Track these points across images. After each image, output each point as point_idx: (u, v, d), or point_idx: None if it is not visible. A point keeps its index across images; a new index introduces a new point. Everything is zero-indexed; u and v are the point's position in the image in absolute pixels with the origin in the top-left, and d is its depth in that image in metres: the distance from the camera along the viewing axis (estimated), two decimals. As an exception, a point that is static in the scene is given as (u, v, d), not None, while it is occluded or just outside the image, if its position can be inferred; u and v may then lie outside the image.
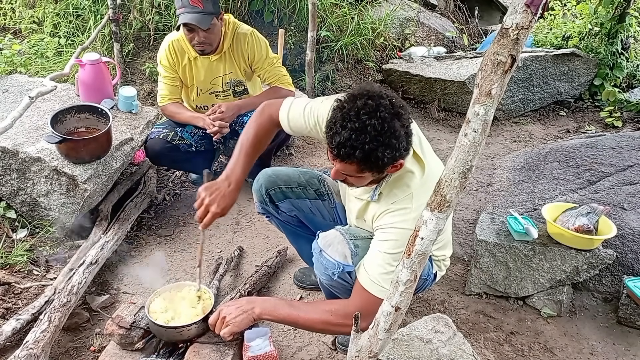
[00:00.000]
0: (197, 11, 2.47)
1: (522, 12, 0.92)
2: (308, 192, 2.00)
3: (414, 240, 1.16)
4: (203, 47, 2.62)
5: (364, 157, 1.43)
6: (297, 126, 1.81)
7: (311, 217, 2.02)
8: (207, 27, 2.52)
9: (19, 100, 2.66)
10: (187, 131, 2.81)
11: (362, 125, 1.40)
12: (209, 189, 1.75)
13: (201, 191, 1.76)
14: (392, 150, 1.43)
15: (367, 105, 1.42)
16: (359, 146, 1.41)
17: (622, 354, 2.15)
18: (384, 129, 1.40)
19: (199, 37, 2.56)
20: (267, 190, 1.99)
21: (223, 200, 1.74)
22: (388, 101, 1.45)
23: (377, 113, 1.41)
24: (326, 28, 4.32)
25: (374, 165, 1.46)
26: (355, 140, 1.41)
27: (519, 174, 3.12)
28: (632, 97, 4.34)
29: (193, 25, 2.50)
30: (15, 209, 2.49)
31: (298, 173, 2.03)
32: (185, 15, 2.48)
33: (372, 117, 1.40)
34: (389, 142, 1.42)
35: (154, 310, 1.88)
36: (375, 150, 1.41)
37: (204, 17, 2.49)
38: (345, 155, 1.45)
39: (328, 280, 1.69)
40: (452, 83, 4.21)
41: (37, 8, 4.14)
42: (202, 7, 2.48)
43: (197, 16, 2.47)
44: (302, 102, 1.81)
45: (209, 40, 2.61)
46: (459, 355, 1.69)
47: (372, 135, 1.40)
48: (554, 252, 2.24)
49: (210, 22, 2.52)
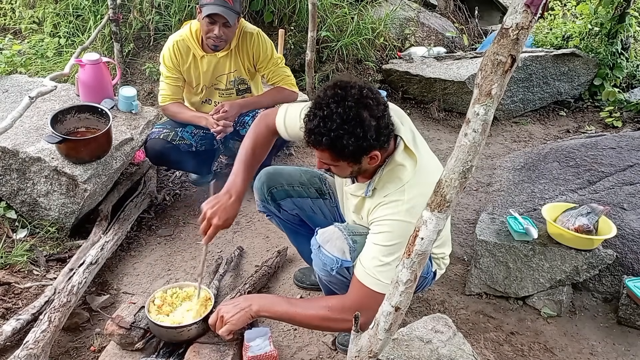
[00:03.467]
0: (227, 6, 2.51)
1: (522, 12, 0.92)
2: (309, 190, 2.02)
3: (414, 240, 1.16)
4: (219, 42, 2.62)
5: (331, 144, 1.48)
6: (295, 131, 1.83)
7: (312, 216, 2.03)
8: (233, 24, 2.56)
9: (19, 100, 2.66)
10: (187, 131, 2.81)
11: (329, 113, 1.46)
12: (210, 203, 1.78)
13: (203, 206, 1.79)
14: (357, 139, 1.46)
15: (336, 94, 1.47)
16: (326, 133, 1.46)
17: (622, 354, 2.15)
18: (349, 117, 1.45)
19: (219, 31, 2.57)
20: (269, 188, 2.00)
21: (225, 213, 1.76)
22: (357, 91, 1.48)
23: (345, 102, 1.45)
24: (326, 28, 4.32)
25: (342, 153, 1.50)
26: (323, 127, 1.46)
27: (519, 174, 3.12)
28: (632, 97, 4.34)
29: (220, 18, 2.51)
30: (15, 209, 2.49)
31: (300, 172, 2.04)
32: (215, 7, 2.50)
33: (339, 105, 1.45)
34: (353, 131, 1.45)
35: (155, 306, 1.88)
36: (341, 138, 1.46)
37: (232, 13, 2.52)
38: (315, 142, 1.51)
39: (327, 276, 1.70)
40: (452, 83, 4.21)
41: (37, 8, 4.14)
42: (231, 4, 2.51)
43: (226, 10, 2.50)
44: (297, 107, 1.83)
45: (227, 37, 2.62)
46: (459, 355, 1.69)
47: (338, 123, 1.45)
48: (554, 252, 2.24)
49: (234, 21, 2.56)
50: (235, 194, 1.80)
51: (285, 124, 1.86)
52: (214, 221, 1.75)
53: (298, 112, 1.80)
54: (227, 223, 1.78)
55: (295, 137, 1.89)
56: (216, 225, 1.76)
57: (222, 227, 1.77)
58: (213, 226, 1.76)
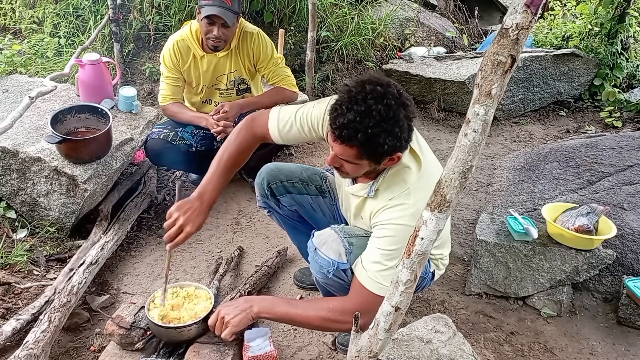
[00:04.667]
0: (226, 7, 2.51)
1: (522, 12, 0.92)
2: (309, 187, 2.01)
3: (414, 240, 1.16)
4: (218, 43, 2.62)
5: (366, 141, 1.43)
6: (290, 135, 1.81)
7: (312, 213, 2.03)
8: (231, 24, 2.55)
9: (19, 100, 2.66)
10: (187, 131, 2.81)
11: (367, 109, 1.41)
12: (181, 209, 1.72)
13: (173, 211, 1.72)
14: (393, 138, 1.44)
15: (375, 90, 1.43)
16: (362, 129, 1.42)
17: (622, 354, 2.15)
18: (389, 115, 1.42)
19: (218, 32, 2.57)
20: (269, 183, 2.00)
21: (198, 220, 1.72)
22: (396, 90, 1.46)
23: (384, 100, 1.42)
24: (326, 28, 4.32)
25: (374, 151, 1.46)
26: (359, 122, 1.42)
27: (519, 174, 3.12)
28: (632, 97, 4.33)
29: (219, 19, 2.51)
30: (15, 209, 2.49)
31: (300, 169, 2.04)
32: (214, 7, 2.50)
33: (378, 102, 1.41)
34: (391, 130, 1.43)
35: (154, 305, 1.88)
36: (378, 136, 1.42)
37: (231, 14, 2.52)
38: (347, 137, 1.45)
39: (323, 279, 1.70)
40: (452, 83, 4.21)
41: (37, 8, 4.13)
42: (230, 4, 2.51)
43: (224, 11, 2.50)
44: (290, 111, 1.80)
45: (226, 37, 2.62)
46: (459, 355, 1.69)
47: (377, 119, 1.41)
48: (554, 252, 2.24)
49: (233, 21, 2.56)
50: (207, 201, 1.75)
51: (279, 128, 1.81)
52: (187, 228, 1.70)
53: (293, 115, 1.78)
54: (198, 230, 1.74)
55: (289, 141, 1.87)
56: (188, 232, 1.70)
57: (193, 233, 1.73)
58: (184, 233, 1.70)
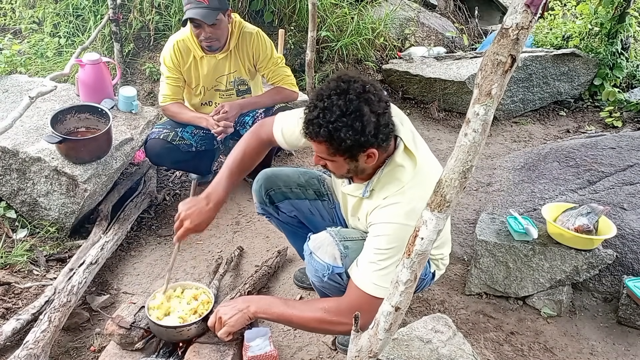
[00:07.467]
0: (203, 6, 2.49)
1: (522, 12, 0.92)
2: (308, 192, 2.01)
3: (414, 240, 1.16)
4: (210, 42, 2.62)
5: (329, 136, 1.45)
6: (293, 139, 1.82)
7: (311, 218, 2.02)
8: (213, 23, 2.52)
9: (19, 100, 2.67)
10: (187, 131, 2.81)
11: (329, 105, 1.44)
12: (187, 204, 1.77)
13: (180, 205, 1.78)
14: (355, 132, 1.44)
15: (339, 87, 1.46)
16: (324, 124, 1.44)
17: (622, 354, 2.15)
18: (349, 109, 1.43)
19: (205, 32, 2.56)
20: (266, 190, 1.99)
21: (198, 217, 1.75)
22: (360, 85, 1.47)
23: (346, 95, 1.44)
24: (326, 28, 4.32)
25: (339, 146, 1.47)
26: (322, 118, 1.45)
27: (519, 174, 3.12)
28: (632, 97, 4.33)
29: (199, 21, 2.50)
30: (15, 209, 2.49)
31: (298, 173, 2.03)
32: (191, 10, 2.49)
33: (340, 97, 1.44)
34: (352, 124, 1.43)
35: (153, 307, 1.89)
36: (339, 130, 1.43)
37: (210, 12, 2.50)
38: (313, 133, 1.49)
39: (319, 282, 1.70)
40: (452, 83, 4.21)
41: (37, 8, 4.14)
42: (207, 3, 2.49)
43: (202, 11, 2.48)
44: (294, 115, 1.81)
45: (216, 36, 2.61)
46: (459, 355, 1.69)
47: (337, 114, 1.43)
48: (554, 252, 2.24)
49: (216, 18, 2.52)
50: (214, 201, 1.78)
51: (283, 133, 1.84)
52: (186, 224, 1.74)
53: (295, 120, 1.78)
54: (199, 228, 1.77)
55: (293, 146, 1.88)
56: (187, 228, 1.74)
57: (193, 230, 1.76)
58: (184, 228, 1.74)
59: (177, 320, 1.84)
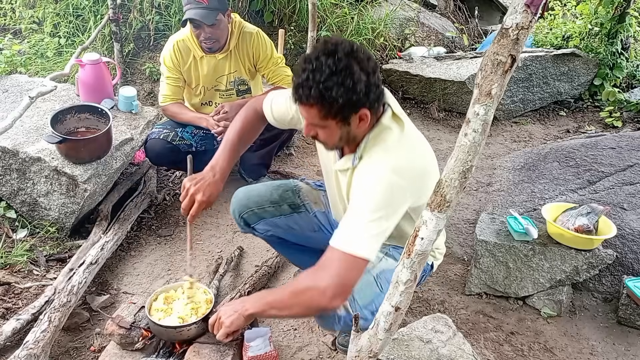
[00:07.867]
0: (202, 7, 2.49)
1: (522, 12, 0.92)
2: (282, 208, 1.98)
3: (414, 240, 1.16)
4: (210, 43, 2.62)
5: (320, 97, 1.41)
6: (280, 114, 1.83)
7: (290, 232, 2.01)
8: (212, 23, 2.52)
9: (19, 100, 2.66)
10: (187, 131, 2.81)
11: (318, 65, 1.41)
12: (193, 179, 1.74)
13: (186, 182, 1.74)
14: (347, 90, 1.41)
15: (326, 48, 1.43)
16: (314, 85, 1.41)
17: (622, 354, 2.15)
18: (339, 67, 1.40)
19: (205, 33, 2.56)
20: (240, 214, 1.99)
21: (209, 189, 1.72)
22: (348, 45, 1.44)
23: (335, 55, 1.41)
24: (326, 28, 4.32)
25: (331, 107, 1.43)
26: (312, 79, 1.41)
27: (519, 174, 3.12)
28: (632, 97, 4.33)
29: (198, 21, 2.50)
30: (15, 209, 2.49)
31: (271, 190, 2.00)
32: (191, 11, 2.49)
33: (328, 57, 1.40)
34: (343, 81, 1.40)
35: (155, 308, 1.88)
36: (331, 89, 1.40)
37: (209, 12, 2.50)
38: (304, 97, 1.44)
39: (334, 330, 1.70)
40: (452, 83, 4.21)
41: (37, 8, 4.14)
42: (206, 3, 2.49)
43: (201, 12, 2.48)
44: (285, 93, 1.81)
45: (216, 37, 2.61)
46: (459, 355, 1.69)
47: (327, 73, 1.40)
48: (554, 252, 2.24)
49: (216, 18, 2.52)
50: (219, 171, 1.77)
51: (272, 107, 1.84)
52: (198, 197, 1.70)
53: (285, 96, 1.78)
54: (211, 199, 1.74)
55: (280, 121, 1.87)
56: (200, 201, 1.71)
57: (206, 203, 1.72)
58: (197, 202, 1.71)
59: (177, 320, 1.84)
